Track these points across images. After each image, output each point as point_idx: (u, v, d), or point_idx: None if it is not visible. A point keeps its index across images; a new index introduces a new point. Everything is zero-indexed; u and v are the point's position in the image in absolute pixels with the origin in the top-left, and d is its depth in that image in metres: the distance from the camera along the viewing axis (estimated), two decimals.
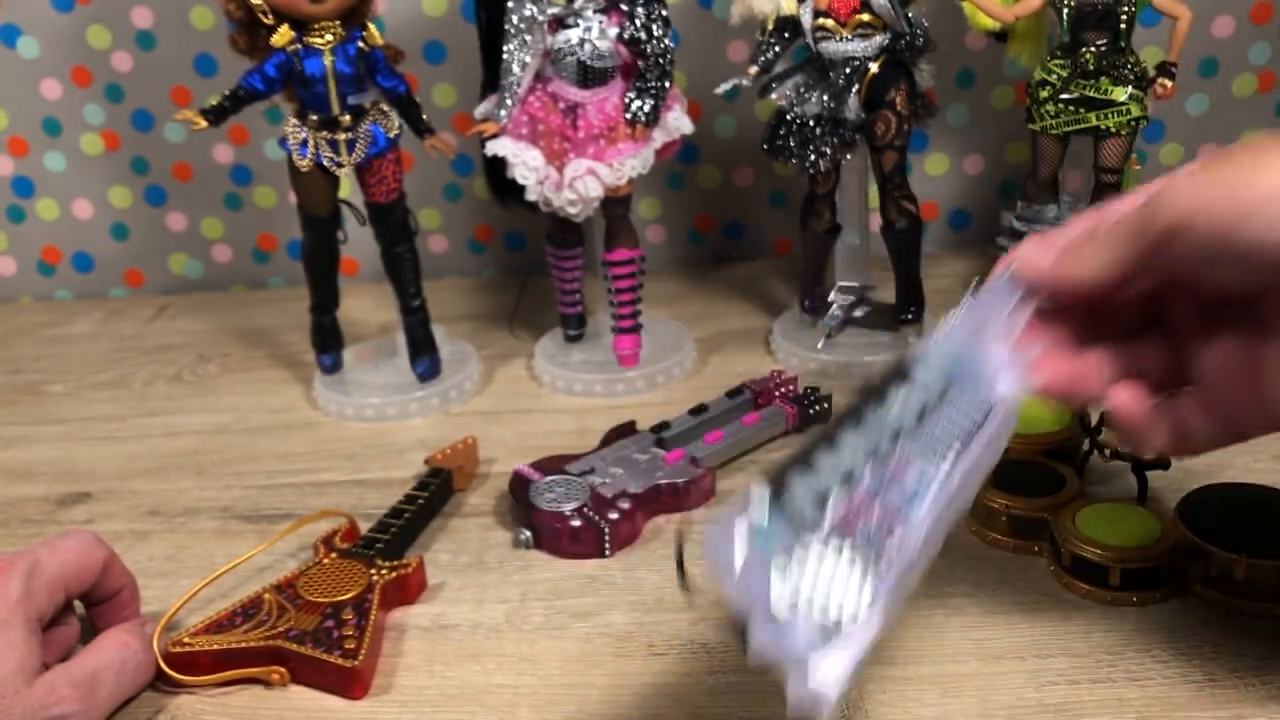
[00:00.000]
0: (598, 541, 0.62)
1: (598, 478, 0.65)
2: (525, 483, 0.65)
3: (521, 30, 0.74)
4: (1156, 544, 0.56)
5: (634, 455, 0.68)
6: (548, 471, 0.66)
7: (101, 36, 1.03)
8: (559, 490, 0.64)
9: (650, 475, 0.65)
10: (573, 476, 0.65)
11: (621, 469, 0.66)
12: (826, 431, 0.40)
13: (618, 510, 0.62)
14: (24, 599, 0.50)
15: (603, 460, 0.67)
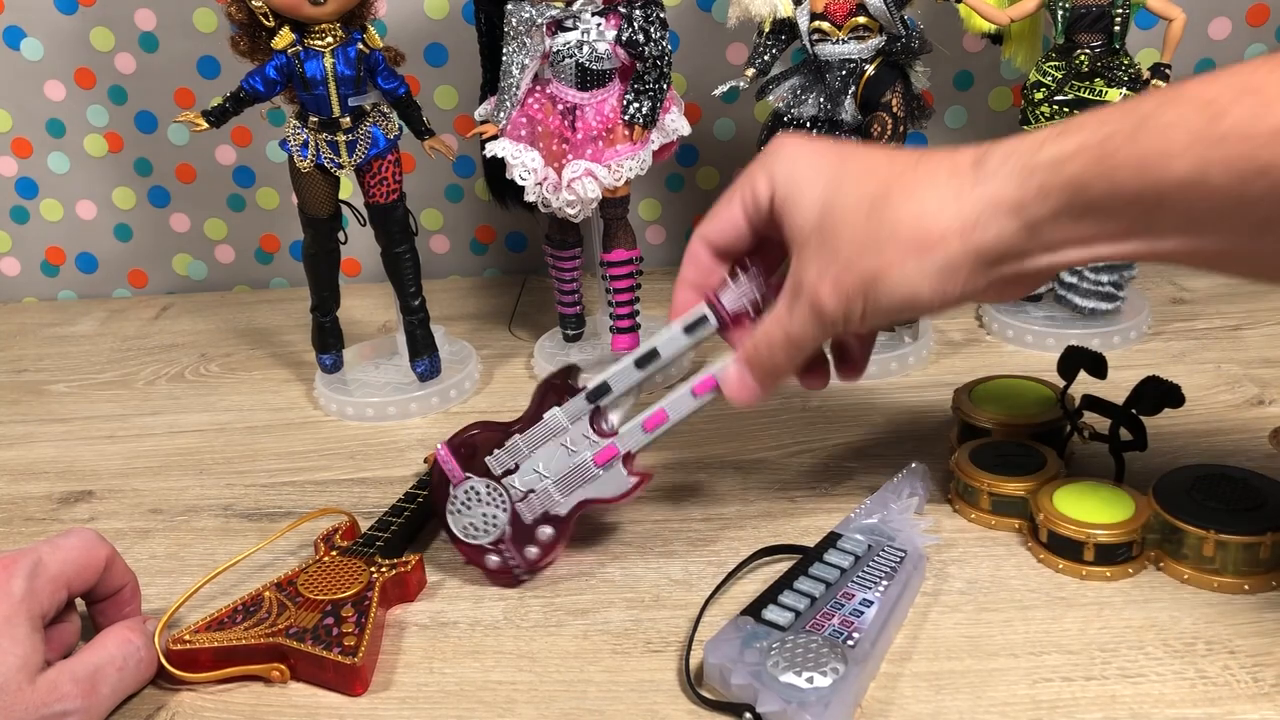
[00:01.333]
0: (512, 579, 0.61)
1: (518, 483, 0.59)
2: (445, 483, 0.60)
3: (520, 32, 0.75)
4: (1130, 521, 0.57)
5: (564, 442, 0.60)
6: (468, 461, 0.60)
7: (105, 38, 1.04)
8: (475, 510, 0.60)
9: (577, 482, 0.60)
10: (492, 482, 0.59)
11: (547, 470, 0.59)
12: (785, 580, 0.57)
13: (537, 545, 0.60)
14: (27, 597, 0.51)
15: (529, 445, 0.59)
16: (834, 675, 0.49)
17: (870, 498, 0.63)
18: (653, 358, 0.59)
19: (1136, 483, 0.62)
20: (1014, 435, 0.67)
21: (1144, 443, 0.62)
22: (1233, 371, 0.78)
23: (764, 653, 0.50)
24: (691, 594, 0.59)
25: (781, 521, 0.65)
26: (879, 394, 0.78)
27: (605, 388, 0.59)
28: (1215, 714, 0.48)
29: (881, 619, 0.53)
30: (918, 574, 0.57)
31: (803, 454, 0.72)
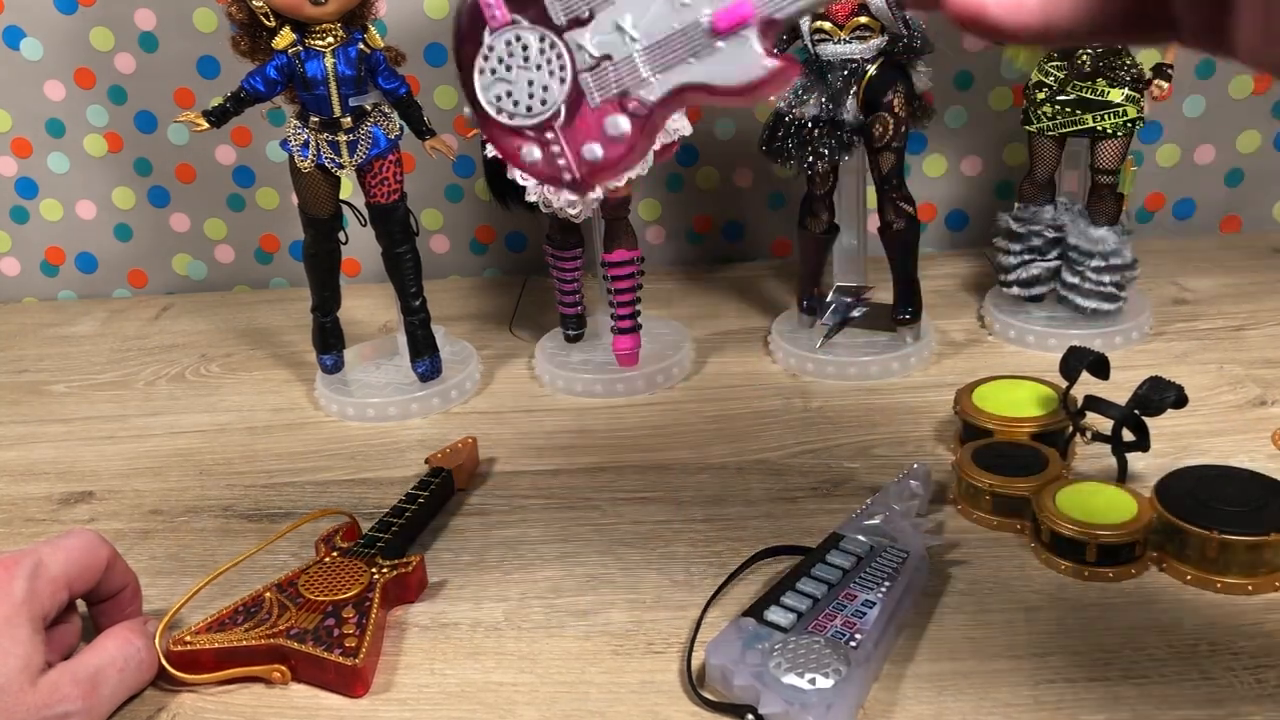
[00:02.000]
0: (558, 182, 0.41)
1: (590, 43, 0.38)
2: (477, 26, 0.39)
3: None
4: (1132, 521, 0.57)
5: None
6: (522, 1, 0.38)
7: (105, 38, 1.04)
8: (518, 75, 0.39)
9: (681, 53, 0.37)
10: (549, 35, 0.38)
11: (638, 28, 0.38)
12: (787, 581, 0.55)
13: (602, 141, 0.39)
14: (28, 598, 0.51)
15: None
16: (836, 677, 0.49)
17: (872, 498, 0.63)
18: None
19: (1139, 483, 0.62)
20: (1016, 436, 0.67)
21: (1147, 443, 0.62)
22: (1235, 372, 0.78)
23: (766, 654, 0.50)
24: (693, 595, 0.59)
25: (783, 522, 0.65)
26: (881, 394, 0.78)
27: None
28: (1218, 715, 0.48)
29: (884, 620, 0.53)
30: (920, 575, 0.57)
31: (804, 454, 0.72)
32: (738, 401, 0.80)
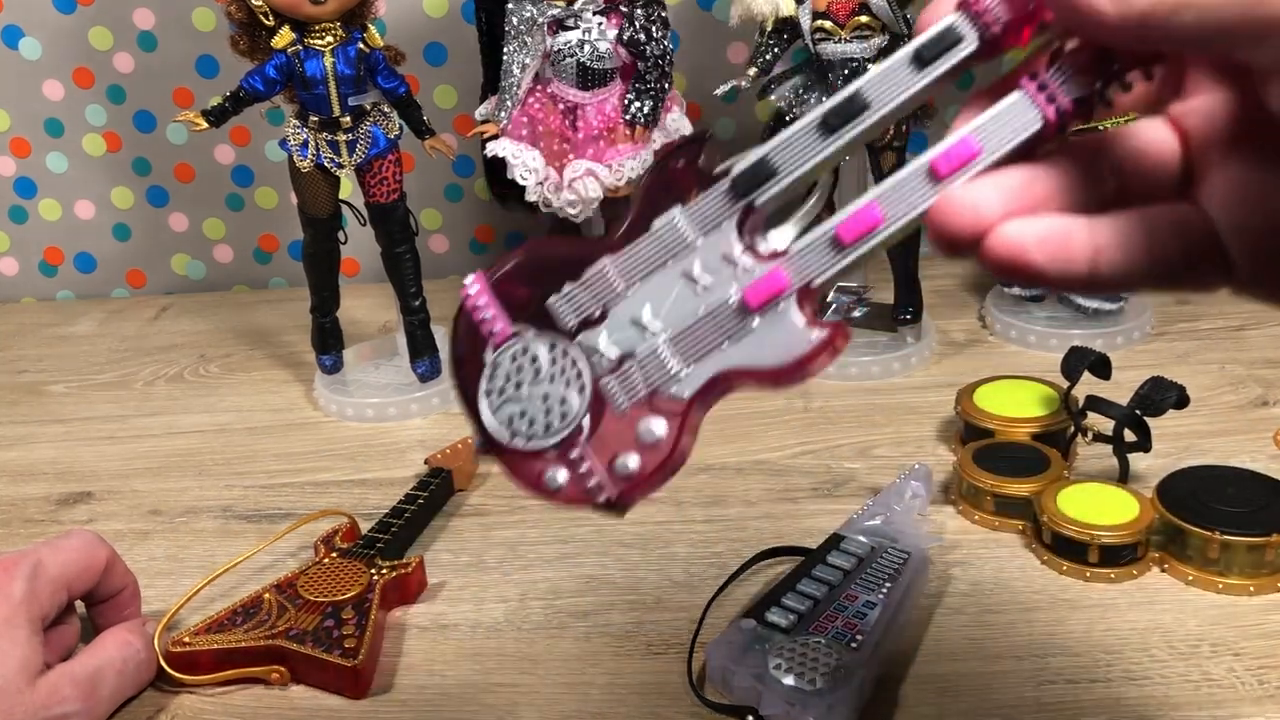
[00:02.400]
0: (593, 504, 0.35)
1: (606, 344, 0.34)
2: (476, 343, 0.35)
3: (521, 32, 0.75)
4: (1134, 522, 0.57)
5: (688, 270, 0.33)
6: (520, 303, 0.35)
7: (103, 38, 1.04)
8: (529, 391, 0.34)
9: (713, 339, 0.33)
10: (560, 341, 0.34)
11: (659, 319, 0.34)
12: (788, 582, 0.55)
13: (637, 451, 0.34)
14: (27, 599, 0.50)
15: (628, 274, 0.34)
16: (837, 678, 0.49)
17: (873, 499, 0.63)
18: (854, 110, 0.32)
19: (1141, 484, 0.62)
20: (1017, 436, 0.66)
21: (1148, 444, 0.62)
22: (1236, 372, 0.78)
23: (766, 655, 0.50)
24: (694, 596, 0.59)
25: (784, 523, 0.65)
26: (881, 395, 0.78)
27: (767, 169, 0.33)
28: (1220, 716, 0.48)
29: (885, 621, 0.53)
30: (921, 576, 0.57)
31: (805, 455, 0.72)
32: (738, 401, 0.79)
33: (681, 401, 0.33)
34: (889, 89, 0.32)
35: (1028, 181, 0.31)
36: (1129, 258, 0.30)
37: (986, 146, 0.30)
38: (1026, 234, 0.30)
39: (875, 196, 0.32)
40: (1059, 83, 0.30)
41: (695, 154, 0.34)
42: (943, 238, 0.30)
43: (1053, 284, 0.30)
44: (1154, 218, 0.31)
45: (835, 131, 0.32)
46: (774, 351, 0.32)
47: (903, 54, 0.32)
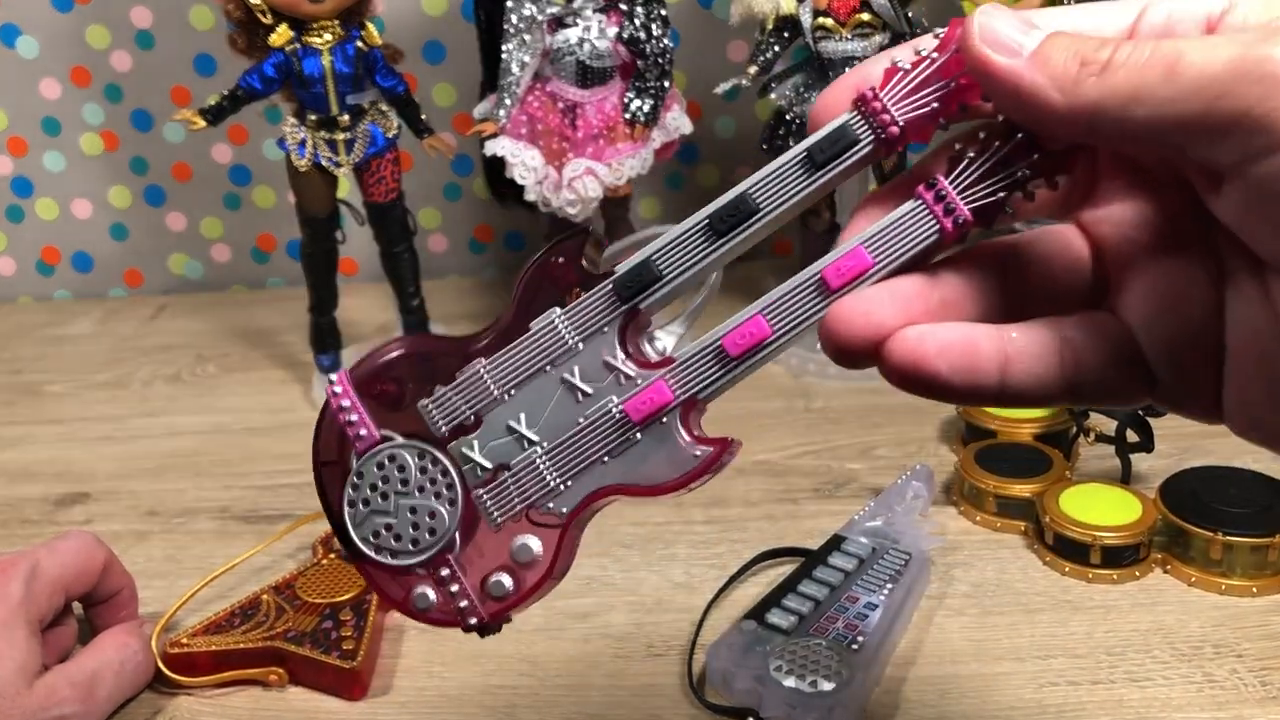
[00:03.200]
0: (461, 626, 0.33)
1: (480, 453, 0.32)
2: (340, 448, 0.33)
3: (521, 30, 0.74)
4: (1136, 523, 0.57)
5: (568, 375, 0.32)
6: (389, 406, 0.33)
7: (101, 36, 1.03)
8: (396, 502, 0.32)
9: (592, 453, 0.31)
10: (429, 450, 0.32)
11: (536, 428, 0.32)
12: (788, 583, 0.55)
13: (510, 571, 0.32)
14: (25, 600, 0.50)
15: (503, 379, 0.32)
16: (838, 680, 0.48)
17: (874, 500, 0.62)
18: (742, 215, 0.31)
19: (1143, 485, 0.62)
20: (1019, 437, 0.66)
21: (1151, 444, 0.62)
22: None
23: (767, 657, 0.50)
24: (694, 597, 0.58)
25: (784, 524, 0.64)
26: (883, 395, 0.78)
27: (651, 272, 0.31)
28: (1223, 718, 0.48)
29: (886, 623, 0.52)
30: (922, 577, 0.57)
31: (806, 455, 0.72)
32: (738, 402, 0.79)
33: (560, 517, 0.31)
34: (779, 192, 0.30)
35: (926, 288, 0.29)
36: (1043, 369, 0.28)
37: (879, 259, 0.29)
38: (928, 341, 0.28)
39: (761, 309, 0.30)
40: (958, 191, 0.28)
41: (575, 251, 0.32)
42: (838, 348, 0.29)
43: (958, 397, 0.28)
44: (1068, 327, 0.29)
45: (724, 235, 0.31)
46: (658, 468, 0.31)
47: (793, 154, 0.30)
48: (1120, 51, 0.25)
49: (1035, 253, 0.30)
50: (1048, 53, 0.26)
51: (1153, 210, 0.29)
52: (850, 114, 0.29)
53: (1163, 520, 0.57)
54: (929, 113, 0.29)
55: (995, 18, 0.27)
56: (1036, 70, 0.26)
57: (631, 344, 0.31)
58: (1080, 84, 0.25)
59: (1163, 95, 0.25)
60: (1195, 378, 0.29)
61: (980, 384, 0.28)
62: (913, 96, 0.29)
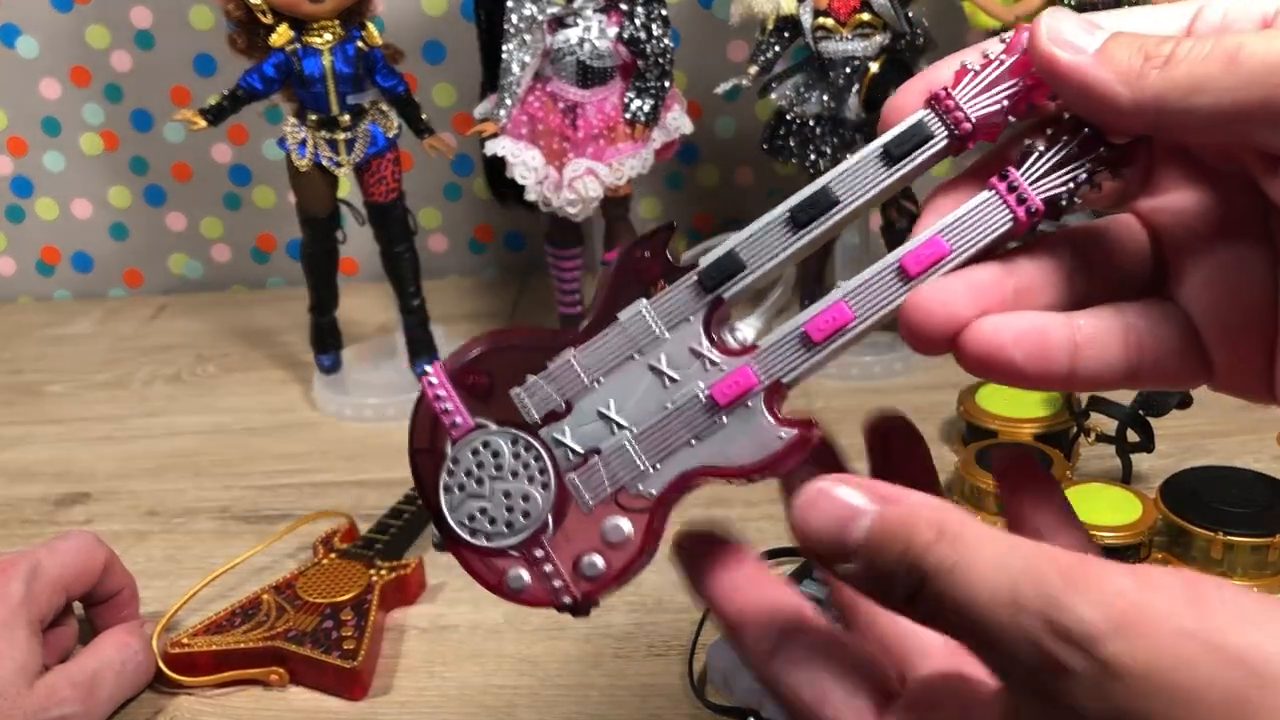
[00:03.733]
0: (557, 605, 0.33)
1: (571, 438, 0.33)
2: (435, 435, 0.34)
3: (521, 30, 0.74)
4: (1137, 523, 0.57)
5: (655, 363, 0.33)
6: (481, 396, 0.34)
7: (101, 36, 1.03)
8: (491, 487, 0.33)
9: (681, 436, 0.32)
10: (522, 436, 0.33)
11: (625, 414, 0.33)
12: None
13: (602, 552, 0.33)
14: (26, 601, 0.50)
15: (593, 368, 0.33)
16: None
17: None
18: (823, 206, 0.32)
19: (1143, 484, 0.62)
20: (1020, 437, 0.66)
21: (1151, 444, 0.62)
22: None
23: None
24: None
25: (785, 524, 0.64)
26: (883, 395, 0.78)
27: (734, 263, 0.33)
28: None
29: None
30: None
31: None
32: None
33: (649, 499, 0.32)
34: (858, 185, 0.32)
35: (999, 278, 0.30)
36: (1107, 355, 0.30)
37: (955, 246, 0.31)
38: (1003, 331, 0.29)
39: (844, 295, 0.32)
40: (1029, 182, 0.30)
41: (660, 245, 0.33)
42: (917, 337, 0.30)
43: (1031, 383, 0.30)
44: (1130, 315, 0.30)
45: (804, 226, 0.32)
46: (743, 450, 0.32)
47: (871, 149, 0.32)
48: (1181, 46, 0.26)
49: (1101, 242, 0.32)
50: (1112, 50, 0.27)
51: (1209, 198, 0.30)
52: (925, 111, 0.31)
53: (1163, 520, 0.57)
54: (999, 110, 0.30)
55: (1061, 19, 0.28)
56: (1102, 66, 0.27)
57: (715, 333, 0.33)
58: (1144, 77, 0.27)
59: (1224, 84, 0.26)
60: (1250, 362, 0.30)
61: (1052, 370, 0.29)
62: (983, 96, 0.30)
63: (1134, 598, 0.23)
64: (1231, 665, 0.22)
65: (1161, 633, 0.22)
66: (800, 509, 0.29)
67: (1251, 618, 0.22)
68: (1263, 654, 0.22)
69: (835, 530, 0.28)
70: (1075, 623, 0.23)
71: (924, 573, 0.26)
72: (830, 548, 0.28)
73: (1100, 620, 0.23)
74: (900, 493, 0.28)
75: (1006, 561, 0.25)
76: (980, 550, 0.25)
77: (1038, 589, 0.24)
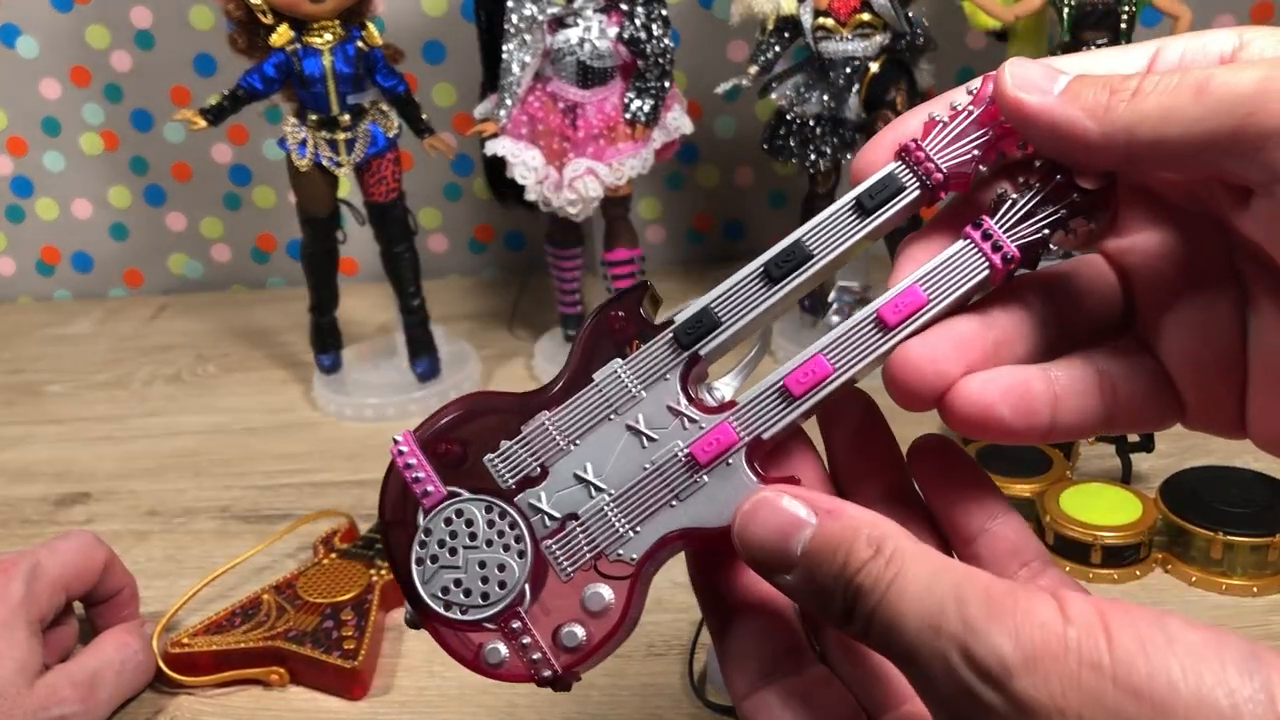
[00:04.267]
0: (537, 681, 0.32)
1: (548, 504, 0.32)
2: (407, 507, 0.33)
3: (521, 30, 0.74)
4: (1137, 523, 0.57)
5: (633, 423, 0.32)
6: (454, 463, 0.33)
7: (101, 36, 1.03)
8: (465, 557, 0.32)
9: (660, 497, 0.31)
10: (497, 503, 0.32)
11: (603, 477, 0.32)
12: None
13: (582, 622, 0.31)
14: (26, 600, 0.50)
15: (568, 430, 0.32)
16: None
17: None
18: (796, 261, 0.32)
19: (1144, 484, 0.62)
20: None
21: (1151, 444, 0.62)
22: None
23: None
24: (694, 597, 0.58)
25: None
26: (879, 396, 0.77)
27: (710, 319, 0.32)
28: None
29: None
30: None
31: None
32: None
33: (630, 564, 0.31)
34: (831, 238, 0.32)
35: (979, 331, 0.30)
36: (1085, 404, 0.30)
37: (932, 296, 0.31)
38: (990, 390, 0.29)
39: (822, 348, 0.31)
40: (1004, 230, 0.30)
41: (634, 304, 0.33)
42: (906, 395, 0.30)
43: (1017, 438, 0.30)
44: (1102, 361, 0.30)
45: (778, 281, 0.32)
46: (726, 509, 0.30)
47: (843, 203, 0.32)
48: (1148, 81, 0.27)
49: (1070, 287, 0.32)
50: (1077, 89, 0.28)
51: (1176, 239, 0.31)
52: (896, 164, 0.31)
53: (1163, 520, 0.57)
54: (969, 160, 0.31)
55: (1024, 65, 0.29)
56: (1069, 104, 0.28)
57: (692, 391, 0.32)
58: (1112, 110, 0.27)
59: (1194, 114, 0.26)
60: (1221, 400, 0.30)
61: (1035, 424, 0.30)
62: (953, 146, 0.31)
63: (1052, 630, 0.23)
64: (1134, 698, 0.22)
65: (1068, 667, 0.22)
66: (743, 518, 0.29)
67: (1156, 647, 0.22)
68: (1164, 683, 0.22)
69: (776, 541, 0.28)
70: (988, 653, 0.23)
71: (858, 589, 0.26)
72: (771, 558, 0.28)
73: (1011, 652, 0.23)
74: (841, 506, 0.28)
75: (936, 583, 0.24)
76: (913, 569, 0.25)
77: (960, 615, 0.24)
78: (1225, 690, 0.21)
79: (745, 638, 0.32)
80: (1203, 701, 0.21)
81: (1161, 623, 0.23)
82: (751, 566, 0.29)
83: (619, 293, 0.33)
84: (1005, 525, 0.32)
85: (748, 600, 0.32)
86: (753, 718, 0.31)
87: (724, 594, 0.33)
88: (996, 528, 0.32)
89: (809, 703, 0.30)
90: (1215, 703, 0.21)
